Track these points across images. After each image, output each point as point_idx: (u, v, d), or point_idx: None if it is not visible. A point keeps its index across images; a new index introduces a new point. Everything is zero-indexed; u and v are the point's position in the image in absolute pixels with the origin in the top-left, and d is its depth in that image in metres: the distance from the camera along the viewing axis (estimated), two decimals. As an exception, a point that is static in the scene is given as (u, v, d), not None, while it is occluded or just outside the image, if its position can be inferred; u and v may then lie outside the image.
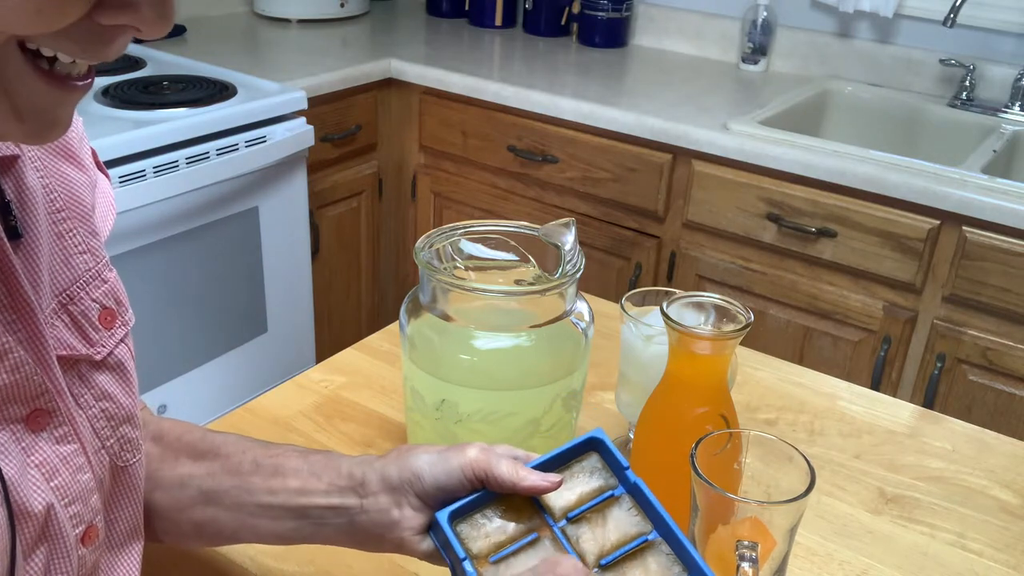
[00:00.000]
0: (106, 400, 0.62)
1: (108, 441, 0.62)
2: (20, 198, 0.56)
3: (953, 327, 1.70)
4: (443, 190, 2.29)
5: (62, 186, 0.61)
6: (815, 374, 1.12)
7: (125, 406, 0.63)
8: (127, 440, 0.64)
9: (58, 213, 0.60)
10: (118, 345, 0.63)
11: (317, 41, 2.40)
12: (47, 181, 0.60)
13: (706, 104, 2.02)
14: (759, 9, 2.24)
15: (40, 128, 0.46)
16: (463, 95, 2.15)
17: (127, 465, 0.64)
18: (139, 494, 0.67)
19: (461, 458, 0.62)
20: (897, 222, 1.69)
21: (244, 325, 1.97)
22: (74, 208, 0.61)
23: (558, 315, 0.79)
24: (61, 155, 0.62)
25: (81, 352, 0.60)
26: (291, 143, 1.92)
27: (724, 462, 0.69)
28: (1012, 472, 0.96)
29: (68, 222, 0.60)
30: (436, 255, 0.79)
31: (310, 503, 0.66)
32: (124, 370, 0.63)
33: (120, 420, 0.63)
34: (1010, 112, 1.98)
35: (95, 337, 0.61)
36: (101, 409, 0.61)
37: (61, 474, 0.57)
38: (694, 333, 0.73)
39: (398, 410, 0.98)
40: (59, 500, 0.56)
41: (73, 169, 0.62)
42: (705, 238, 1.93)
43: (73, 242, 0.61)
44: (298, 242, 2.06)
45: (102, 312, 0.62)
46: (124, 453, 0.64)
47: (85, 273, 0.61)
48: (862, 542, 0.85)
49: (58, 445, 0.56)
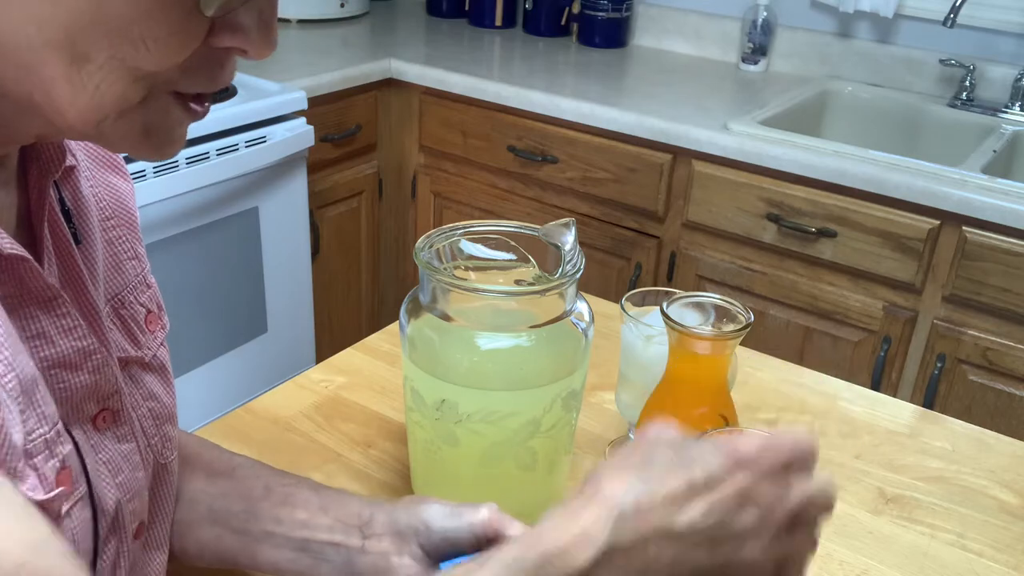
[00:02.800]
0: (152, 400, 0.64)
1: (153, 439, 0.64)
2: (77, 206, 0.59)
3: (953, 327, 1.70)
4: (443, 190, 2.29)
5: (109, 195, 0.63)
6: (815, 374, 1.12)
7: (167, 405, 0.65)
8: (168, 438, 0.66)
9: (108, 220, 0.63)
10: (160, 347, 0.65)
11: (317, 41, 2.40)
12: (96, 190, 0.62)
13: (706, 104, 2.02)
14: (759, 9, 2.24)
15: (163, 144, 0.51)
16: (463, 95, 2.15)
17: (167, 463, 0.66)
18: (173, 494, 0.69)
19: (474, 515, 0.63)
20: (897, 222, 1.69)
21: (244, 325, 1.97)
22: (122, 216, 0.64)
23: (558, 315, 0.79)
24: (106, 165, 0.64)
25: (133, 354, 0.62)
26: (291, 143, 1.92)
27: None
28: (1012, 472, 0.96)
29: (117, 229, 0.63)
30: (436, 255, 0.79)
31: (312, 536, 0.66)
32: (165, 371, 0.66)
33: (164, 419, 0.65)
34: (1010, 112, 1.98)
35: (143, 340, 0.63)
36: (149, 408, 0.63)
37: (124, 471, 0.59)
38: (694, 333, 0.73)
39: (398, 410, 0.98)
40: (123, 496, 0.58)
41: (117, 178, 0.65)
42: (705, 238, 1.92)
43: (122, 248, 0.63)
44: (298, 242, 2.06)
45: (147, 315, 0.64)
46: (165, 451, 0.66)
47: (134, 278, 0.64)
48: (862, 542, 0.85)
49: (119, 444, 0.59)
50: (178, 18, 0.44)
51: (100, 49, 0.44)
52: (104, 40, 0.43)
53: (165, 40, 0.44)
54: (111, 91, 0.45)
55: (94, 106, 0.46)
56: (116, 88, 0.45)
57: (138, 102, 0.47)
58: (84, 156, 0.63)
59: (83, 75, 0.44)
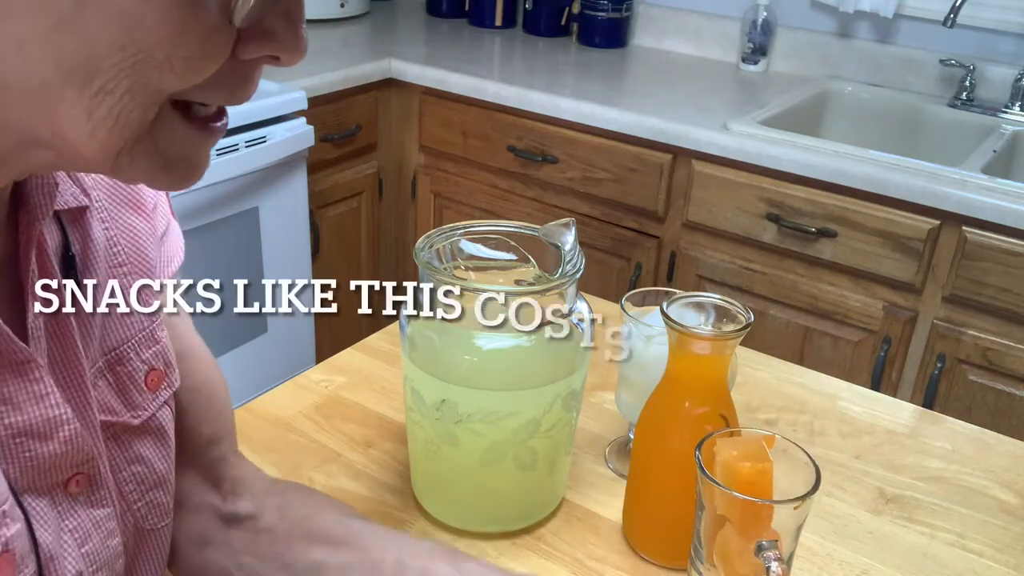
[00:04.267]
0: (139, 464, 0.60)
1: (136, 504, 0.60)
2: (84, 250, 0.55)
3: (953, 327, 1.70)
4: (443, 190, 2.29)
5: (126, 238, 0.59)
6: (815, 374, 1.12)
7: (159, 471, 0.61)
8: (156, 504, 0.62)
9: (119, 268, 0.58)
10: (160, 408, 0.61)
11: (317, 41, 2.40)
12: (111, 232, 0.58)
13: (706, 104, 2.02)
14: (759, 9, 2.24)
15: (186, 174, 0.46)
16: (463, 95, 2.15)
17: (154, 529, 0.62)
18: (163, 560, 0.65)
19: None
20: (897, 222, 1.69)
21: (244, 325, 1.97)
22: (136, 263, 0.59)
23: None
24: (127, 204, 0.60)
25: (120, 418, 0.58)
26: (291, 143, 1.92)
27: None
28: (1012, 472, 0.96)
29: (128, 277, 0.59)
30: (436, 255, 0.79)
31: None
32: (163, 434, 0.62)
33: (151, 484, 0.61)
34: (1010, 112, 1.98)
35: (138, 400, 0.59)
36: (132, 472, 0.60)
37: (93, 539, 0.55)
38: (694, 333, 0.73)
39: (398, 410, 0.98)
40: (88, 567, 0.55)
41: (138, 218, 0.60)
42: (705, 238, 1.92)
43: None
44: (298, 242, 2.06)
45: (149, 373, 0.60)
46: (152, 517, 0.62)
47: (138, 332, 0.59)
48: (862, 542, 0.85)
49: (92, 509, 0.55)
50: (206, 34, 0.40)
51: (124, 78, 0.40)
52: (130, 67, 0.40)
53: (193, 59, 0.41)
54: (132, 118, 0.42)
55: (114, 138, 0.42)
56: (136, 115, 0.42)
57: (149, 125, 0.43)
58: (104, 195, 0.58)
59: (104, 107, 0.41)
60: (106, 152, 0.43)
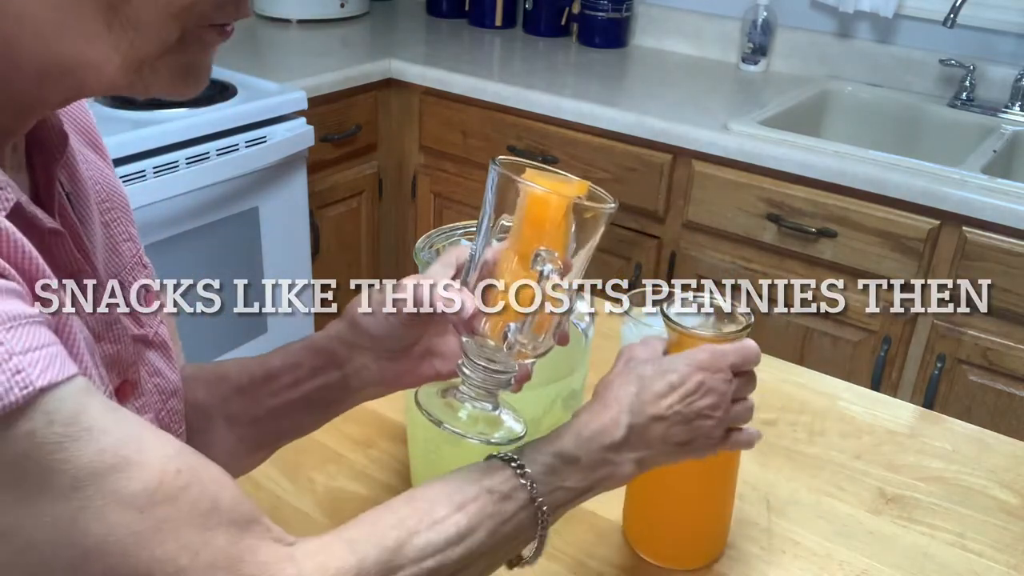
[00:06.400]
0: (157, 376, 0.64)
1: (161, 413, 0.64)
2: (75, 190, 0.58)
3: (953, 327, 1.70)
4: (443, 190, 2.29)
5: (101, 177, 0.63)
6: (815, 374, 1.12)
7: (172, 380, 0.66)
8: (175, 412, 0.66)
9: (104, 203, 0.62)
10: (160, 324, 0.65)
11: (317, 41, 2.40)
12: (90, 172, 0.61)
13: (706, 104, 2.02)
14: (759, 9, 2.24)
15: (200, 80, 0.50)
16: (463, 95, 2.15)
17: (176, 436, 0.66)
18: None
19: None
20: (897, 222, 1.69)
21: (244, 325, 1.97)
22: (115, 198, 0.63)
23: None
24: (90, 145, 0.63)
25: (136, 332, 0.62)
26: (291, 143, 1.92)
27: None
28: (1012, 472, 0.96)
29: (112, 212, 0.63)
30: (436, 255, 0.79)
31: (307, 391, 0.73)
32: (166, 347, 0.66)
33: (168, 394, 0.65)
34: (1010, 112, 1.98)
35: (144, 318, 0.63)
36: (155, 384, 0.64)
37: None
38: (694, 333, 0.73)
39: (398, 410, 0.98)
40: None
41: (98, 158, 0.64)
42: (705, 238, 1.92)
43: (118, 230, 0.63)
44: (298, 242, 2.05)
45: (146, 295, 0.64)
46: (172, 424, 0.66)
47: (131, 260, 0.63)
48: (862, 542, 0.85)
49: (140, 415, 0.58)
50: None
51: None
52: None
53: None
54: (149, 34, 0.45)
55: (135, 54, 0.45)
56: (153, 30, 0.45)
57: (175, 41, 0.46)
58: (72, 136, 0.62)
59: (121, 23, 0.44)
60: (128, 70, 0.45)
